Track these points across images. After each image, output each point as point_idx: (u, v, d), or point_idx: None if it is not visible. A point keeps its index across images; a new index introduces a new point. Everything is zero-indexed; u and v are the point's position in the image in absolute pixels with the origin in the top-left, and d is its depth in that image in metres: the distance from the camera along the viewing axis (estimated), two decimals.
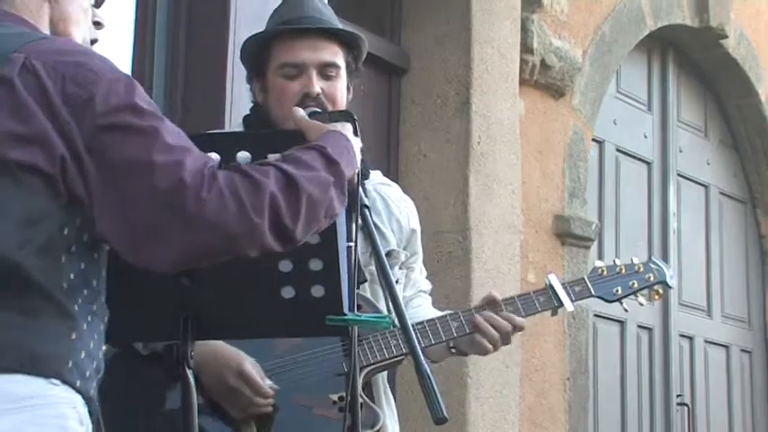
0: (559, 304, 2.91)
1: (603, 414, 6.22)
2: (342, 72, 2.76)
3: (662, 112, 6.93)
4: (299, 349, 2.66)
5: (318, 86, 2.70)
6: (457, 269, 5.06)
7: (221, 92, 4.14)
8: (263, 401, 2.58)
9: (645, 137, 6.79)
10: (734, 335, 7.35)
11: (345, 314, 2.10)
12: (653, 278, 3.04)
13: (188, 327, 2.09)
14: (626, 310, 3.14)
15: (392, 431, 2.80)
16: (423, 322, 2.78)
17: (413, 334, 2.29)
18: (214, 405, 2.58)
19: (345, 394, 2.31)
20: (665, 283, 3.05)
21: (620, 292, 3.00)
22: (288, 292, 2.09)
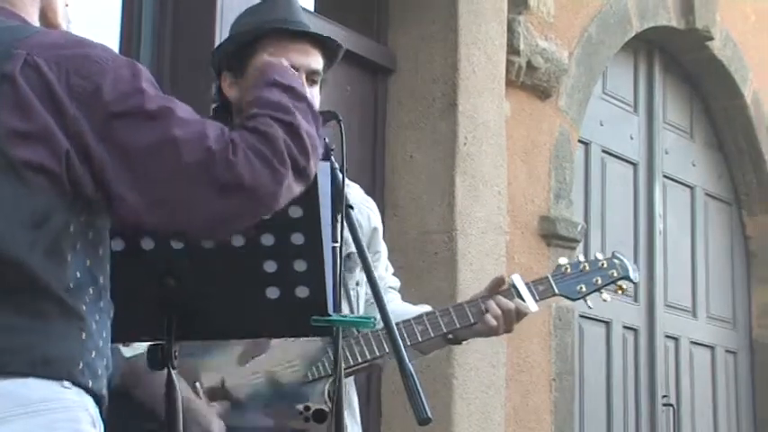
0: None
1: (589, 415, 6.23)
2: (320, 79, 2.76)
3: (648, 114, 6.95)
4: (259, 365, 2.64)
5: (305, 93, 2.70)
6: (443, 270, 5.06)
7: (207, 85, 4.13)
8: None
9: (631, 138, 6.80)
10: (719, 336, 7.37)
11: (330, 315, 2.11)
12: (616, 274, 3.02)
13: (172, 327, 2.10)
14: (590, 307, 3.13)
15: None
16: (410, 320, 2.78)
17: (396, 334, 2.29)
18: None
19: (332, 393, 2.30)
20: (628, 278, 3.04)
21: (583, 290, 2.99)
22: (272, 293, 2.09)
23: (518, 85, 5.66)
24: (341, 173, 2.44)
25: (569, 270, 2.99)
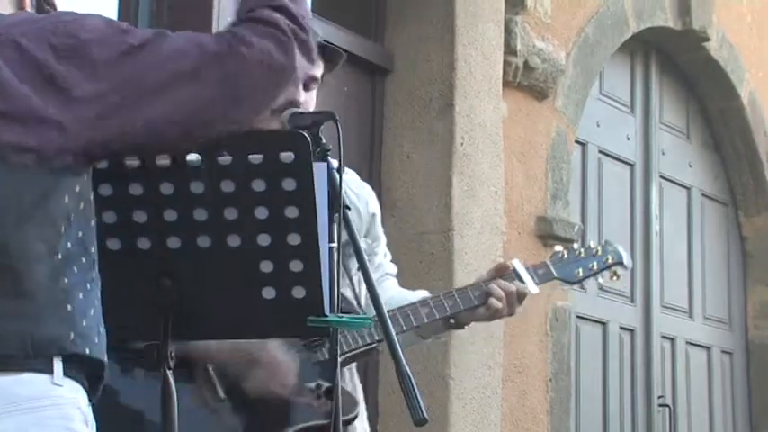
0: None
1: (585, 415, 6.24)
2: (317, 85, 2.78)
3: (644, 115, 6.95)
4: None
5: (303, 98, 2.72)
6: (439, 270, 5.06)
7: None
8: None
9: (627, 139, 6.81)
10: (715, 336, 7.37)
11: (326, 315, 2.11)
12: (611, 260, 3.12)
13: (168, 327, 2.09)
14: (584, 290, 3.20)
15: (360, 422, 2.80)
16: (409, 305, 2.80)
17: (394, 337, 2.29)
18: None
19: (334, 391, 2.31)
20: (622, 264, 3.14)
21: (581, 274, 3.09)
22: (269, 293, 2.09)
23: (515, 86, 5.66)
24: (338, 173, 2.44)
25: (566, 256, 3.09)
